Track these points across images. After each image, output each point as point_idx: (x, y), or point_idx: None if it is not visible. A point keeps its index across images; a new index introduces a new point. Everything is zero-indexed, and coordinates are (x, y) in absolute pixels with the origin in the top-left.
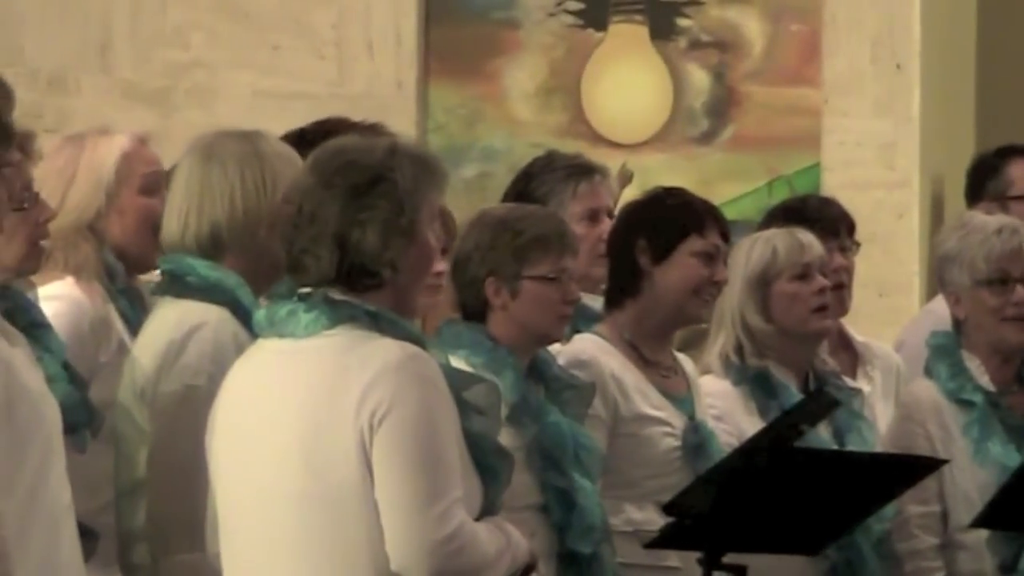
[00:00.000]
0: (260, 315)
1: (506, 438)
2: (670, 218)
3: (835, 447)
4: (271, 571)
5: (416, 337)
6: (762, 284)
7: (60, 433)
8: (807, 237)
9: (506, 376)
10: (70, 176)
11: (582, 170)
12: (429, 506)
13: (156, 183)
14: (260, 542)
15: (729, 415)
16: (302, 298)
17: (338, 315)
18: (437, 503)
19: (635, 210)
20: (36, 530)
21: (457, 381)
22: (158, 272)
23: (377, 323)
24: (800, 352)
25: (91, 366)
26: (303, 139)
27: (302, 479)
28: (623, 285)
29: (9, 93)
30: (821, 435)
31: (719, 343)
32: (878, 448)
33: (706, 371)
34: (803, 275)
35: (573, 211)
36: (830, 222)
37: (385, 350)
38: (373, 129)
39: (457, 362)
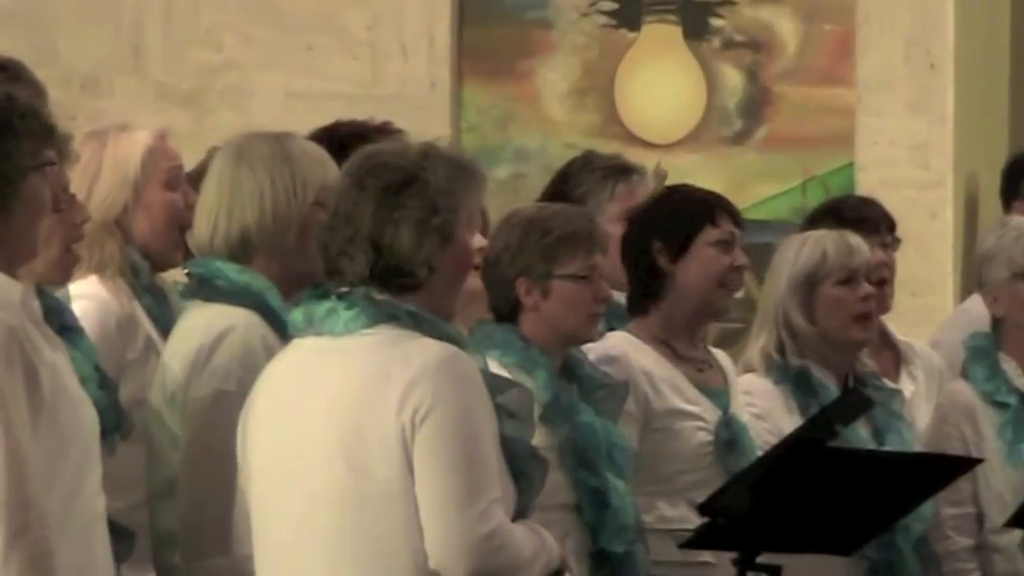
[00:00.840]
0: (297, 314)
1: (539, 438)
2: (681, 213)
3: (874, 447)
4: (309, 569)
5: (454, 338)
6: (808, 285)
7: (97, 439)
8: (856, 240)
9: (539, 376)
10: (94, 172)
11: (620, 170)
12: (469, 504)
13: (178, 177)
14: (297, 540)
15: (769, 414)
16: (341, 297)
17: (378, 314)
18: (477, 501)
19: (644, 214)
20: (73, 534)
21: (491, 385)
22: (186, 274)
23: (417, 323)
24: (840, 356)
25: (119, 364)
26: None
27: (342, 476)
28: (646, 289)
29: (42, 91)
30: (860, 435)
31: (761, 340)
32: (916, 449)
33: (748, 368)
34: (849, 280)
35: (611, 211)
36: (872, 223)
37: (426, 349)
38: (381, 129)
39: (489, 363)
